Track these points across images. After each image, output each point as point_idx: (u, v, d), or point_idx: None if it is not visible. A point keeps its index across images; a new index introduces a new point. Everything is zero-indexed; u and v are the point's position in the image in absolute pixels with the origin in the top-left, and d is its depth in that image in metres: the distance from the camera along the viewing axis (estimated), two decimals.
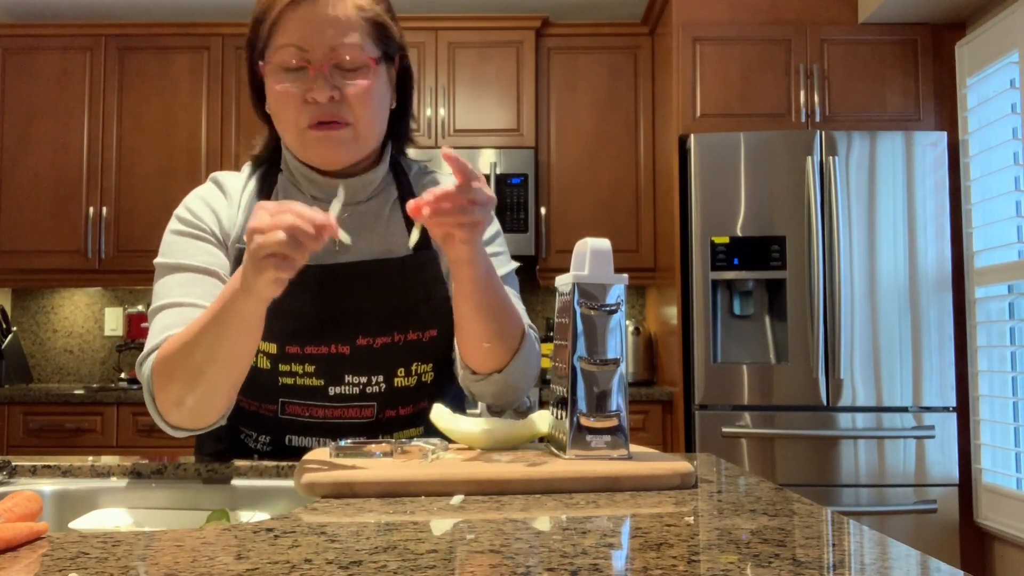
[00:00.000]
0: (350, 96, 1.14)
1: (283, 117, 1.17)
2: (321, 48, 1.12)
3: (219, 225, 1.21)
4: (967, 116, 3.14)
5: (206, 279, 1.15)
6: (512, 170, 3.61)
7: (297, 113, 1.14)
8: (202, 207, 1.22)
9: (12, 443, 3.34)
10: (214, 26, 3.76)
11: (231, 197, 1.24)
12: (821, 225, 3.02)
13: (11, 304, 4.03)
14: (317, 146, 1.16)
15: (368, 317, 1.18)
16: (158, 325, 1.11)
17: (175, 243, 1.19)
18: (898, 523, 2.95)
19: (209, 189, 1.25)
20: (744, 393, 3.03)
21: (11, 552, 0.64)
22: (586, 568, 0.58)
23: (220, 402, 1.08)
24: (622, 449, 0.98)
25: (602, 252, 1.00)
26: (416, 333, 1.20)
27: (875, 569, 0.61)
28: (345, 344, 1.17)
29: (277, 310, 1.09)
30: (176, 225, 1.21)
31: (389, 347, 1.19)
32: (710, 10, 3.29)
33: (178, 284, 1.14)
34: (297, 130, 1.16)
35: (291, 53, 1.12)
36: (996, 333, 3.06)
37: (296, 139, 1.17)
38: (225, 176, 1.27)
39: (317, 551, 0.64)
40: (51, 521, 1.05)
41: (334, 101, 1.13)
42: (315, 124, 1.14)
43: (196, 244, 1.18)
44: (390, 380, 1.20)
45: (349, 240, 0.97)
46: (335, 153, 1.17)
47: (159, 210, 3.69)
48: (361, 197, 1.23)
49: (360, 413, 1.19)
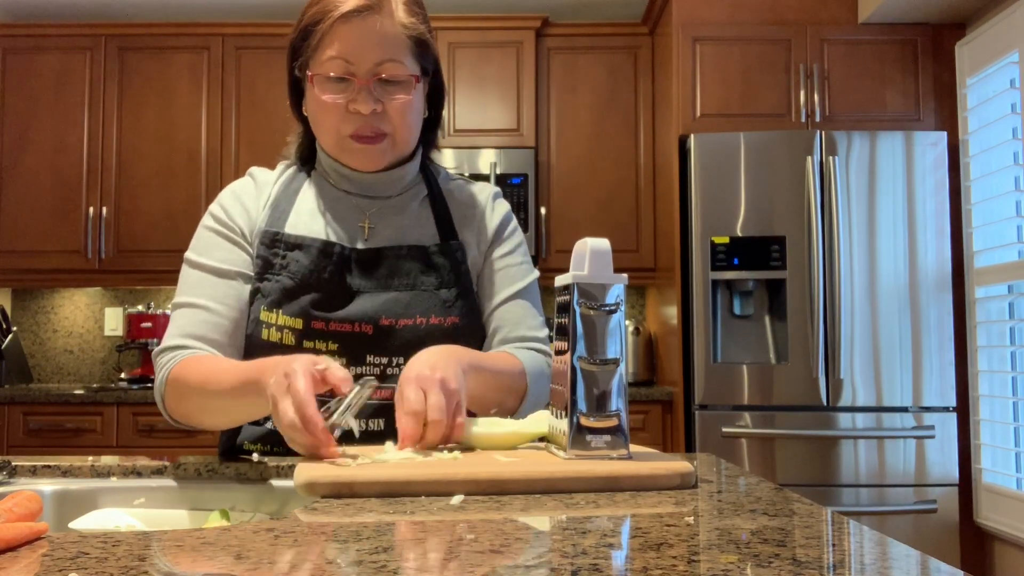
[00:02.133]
0: (391, 109, 1.22)
1: (324, 123, 1.24)
2: (367, 63, 1.20)
3: (247, 218, 1.28)
4: (967, 116, 3.14)
5: (221, 281, 1.23)
6: (512, 170, 3.61)
7: (340, 122, 1.22)
8: (232, 202, 1.29)
9: (12, 443, 3.34)
10: (214, 26, 3.76)
11: (262, 189, 1.31)
12: (821, 225, 3.02)
13: (11, 304, 4.03)
14: (356, 155, 1.25)
15: (392, 299, 1.23)
16: (176, 324, 1.22)
17: (203, 239, 1.27)
18: (898, 523, 2.95)
19: (243, 182, 1.34)
20: (744, 393, 3.03)
21: (11, 552, 0.64)
22: (586, 568, 0.58)
23: (222, 427, 1.24)
24: (622, 449, 0.98)
25: (602, 252, 1.00)
26: (438, 318, 1.24)
27: (875, 569, 0.61)
28: (368, 323, 1.21)
29: (305, 285, 1.21)
30: (208, 220, 1.29)
31: (411, 329, 1.22)
32: (710, 10, 3.29)
33: (198, 283, 1.24)
34: (338, 137, 1.24)
35: (338, 65, 1.20)
36: (996, 333, 3.06)
37: (335, 145, 1.26)
38: (260, 171, 1.35)
39: (317, 551, 0.64)
40: (51, 521, 1.05)
41: (376, 113, 1.21)
42: (356, 135, 1.23)
43: (220, 243, 1.26)
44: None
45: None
46: (373, 163, 1.26)
47: (159, 210, 3.70)
48: (392, 192, 1.31)
49: (379, 394, 1.21)
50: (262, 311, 1.21)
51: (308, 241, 1.23)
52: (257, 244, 1.25)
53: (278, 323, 1.20)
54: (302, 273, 1.21)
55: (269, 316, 1.21)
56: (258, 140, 3.66)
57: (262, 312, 1.21)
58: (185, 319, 1.21)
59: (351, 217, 1.28)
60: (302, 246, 1.23)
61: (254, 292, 1.23)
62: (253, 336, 1.22)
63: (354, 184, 1.29)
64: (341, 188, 1.30)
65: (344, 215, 1.28)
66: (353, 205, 1.29)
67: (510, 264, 1.34)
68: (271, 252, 1.23)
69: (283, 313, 1.20)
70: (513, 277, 1.33)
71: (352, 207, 1.29)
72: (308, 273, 1.21)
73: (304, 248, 1.23)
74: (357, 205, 1.29)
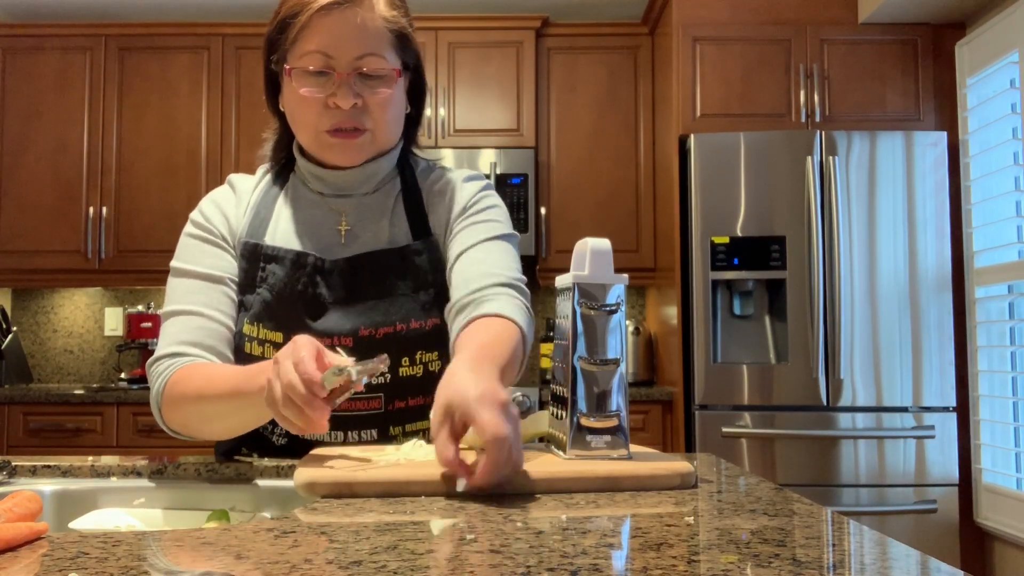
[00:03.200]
0: (371, 104, 1.19)
1: (302, 119, 1.21)
2: (347, 56, 1.16)
3: (228, 226, 1.26)
4: (967, 116, 3.14)
5: (212, 287, 1.21)
6: (512, 170, 3.61)
7: (318, 117, 1.19)
8: (213, 210, 1.27)
9: (12, 443, 3.34)
10: (214, 26, 3.75)
11: (241, 197, 1.29)
12: (821, 225, 3.02)
13: (11, 304, 4.03)
14: (335, 150, 1.21)
15: (370, 308, 1.21)
16: (167, 332, 1.19)
17: (187, 247, 1.26)
18: (898, 523, 2.95)
19: (222, 191, 1.31)
20: (744, 393, 3.03)
21: (11, 552, 0.64)
22: (586, 568, 0.58)
23: (221, 437, 1.22)
24: (622, 449, 0.98)
25: (602, 252, 1.00)
26: (418, 322, 1.21)
27: (875, 569, 0.61)
28: (348, 336, 1.19)
29: (283, 299, 1.19)
30: (190, 228, 1.27)
31: (392, 337, 1.20)
32: (710, 10, 3.29)
33: (186, 291, 1.21)
34: (315, 132, 1.20)
35: (317, 59, 1.16)
36: (996, 333, 3.06)
37: (313, 140, 1.22)
38: (239, 178, 1.33)
39: (317, 551, 0.64)
40: (51, 521, 1.05)
41: (356, 108, 1.17)
42: (334, 130, 1.19)
43: (206, 248, 1.24)
44: (395, 370, 1.21)
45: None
46: (352, 158, 1.23)
47: (159, 210, 3.70)
48: (367, 188, 1.27)
49: (368, 405, 1.20)
50: (245, 323, 1.20)
51: (283, 253, 1.21)
52: (238, 256, 1.23)
53: (259, 336, 1.19)
54: (278, 286, 1.20)
55: (251, 329, 1.20)
56: (258, 140, 3.60)
57: (245, 325, 1.20)
58: (178, 326, 1.18)
59: (328, 221, 1.26)
60: (277, 258, 1.21)
61: (239, 304, 1.22)
62: (239, 348, 1.21)
63: (328, 185, 1.26)
64: (316, 190, 1.27)
65: (320, 221, 1.26)
66: (329, 209, 1.27)
67: (476, 221, 1.25)
68: (251, 265, 1.22)
69: (263, 327, 1.19)
70: (479, 231, 1.23)
71: (328, 212, 1.26)
72: (283, 286, 1.19)
73: (279, 260, 1.21)
74: (333, 208, 1.27)
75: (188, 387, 1.12)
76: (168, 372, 1.15)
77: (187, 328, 1.17)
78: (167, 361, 1.16)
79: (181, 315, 1.19)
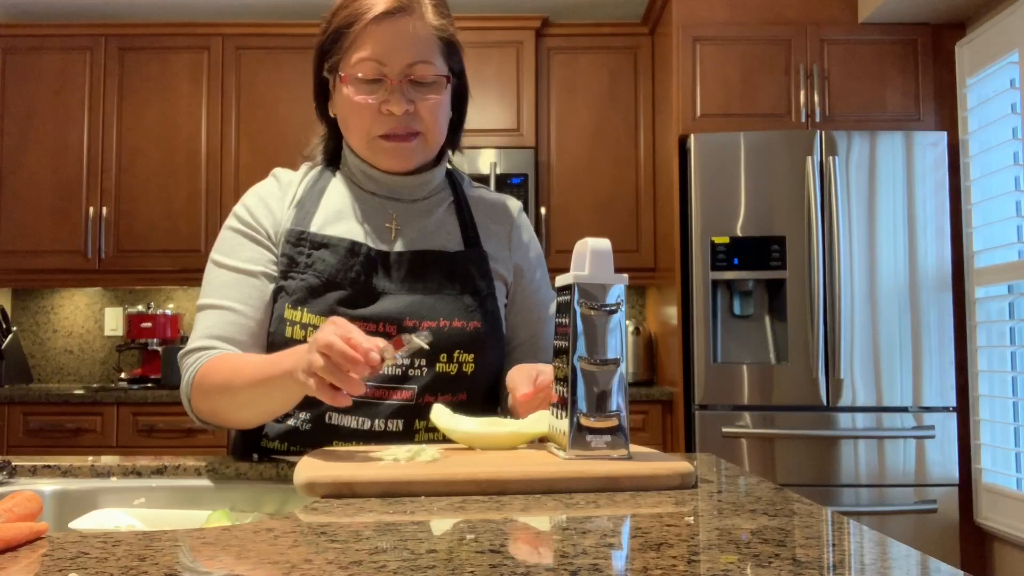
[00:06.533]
0: (422, 109, 1.24)
1: (355, 124, 1.26)
2: (399, 64, 1.21)
3: (272, 218, 1.29)
4: (967, 116, 3.14)
5: (247, 280, 1.24)
6: (512, 170, 3.61)
7: (371, 123, 1.24)
8: (257, 204, 1.30)
9: (12, 443, 3.34)
10: (214, 26, 3.75)
11: (286, 189, 1.32)
12: (821, 225, 3.02)
13: (11, 304, 4.03)
14: (388, 155, 1.26)
15: (416, 301, 1.24)
16: (201, 325, 1.23)
17: (228, 240, 1.28)
18: (898, 523, 2.95)
19: (267, 184, 1.34)
20: (744, 393, 3.03)
21: (11, 552, 0.64)
22: (586, 568, 0.58)
23: (250, 425, 1.22)
24: (622, 449, 0.98)
25: (602, 252, 1.00)
26: (461, 322, 1.25)
27: (875, 569, 0.61)
28: (392, 324, 1.22)
29: (330, 283, 1.22)
30: (232, 221, 1.30)
31: (434, 331, 1.22)
32: (710, 10, 3.29)
33: (222, 284, 1.24)
34: (368, 137, 1.25)
35: (370, 66, 1.21)
36: (996, 333, 3.06)
37: (366, 145, 1.27)
38: (283, 172, 1.36)
39: (317, 551, 0.64)
40: (51, 521, 1.05)
41: (408, 114, 1.22)
42: (387, 135, 1.24)
43: (246, 243, 1.27)
44: (432, 365, 1.23)
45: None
46: (405, 162, 1.28)
47: (159, 210, 3.70)
48: (419, 195, 1.33)
49: (400, 395, 1.22)
50: (286, 309, 1.22)
51: (335, 241, 1.25)
52: (282, 243, 1.26)
53: (302, 321, 1.21)
54: (328, 272, 1.22)
55: (293, 314, 1.21)
56: (258, 140, 3.66)
57: (286, 310, 1.22)
58: (211, 320, 1.22)
59: (377, 218, 1.29)
60: (328, 245, 1.24)
61: (277, 290, 1.24)
62: (276, 334, 1.22)
63: (381, 186, 1.30)
64: (367, 189, 1.31)
65: (371, 216, 1.29)
66: (379, 206, 1.30)
67: (542, 287, 1.40)
68: (296, 251, 1.24)
69: (308, 311, 1.21)
70: (545, 299, 1.40)
71: (378, 208, 1.30)
72: (334, 272, 1.22)
73: (331, 247, 1.24)
74: (383, 206, 1.30)
75: (216, 377, 1.15)
76: (197, 364, 1.18)
77: (219, 323, 1.21)
78: (197, 354, 1.20)
79: (215, 309, 1.23)
